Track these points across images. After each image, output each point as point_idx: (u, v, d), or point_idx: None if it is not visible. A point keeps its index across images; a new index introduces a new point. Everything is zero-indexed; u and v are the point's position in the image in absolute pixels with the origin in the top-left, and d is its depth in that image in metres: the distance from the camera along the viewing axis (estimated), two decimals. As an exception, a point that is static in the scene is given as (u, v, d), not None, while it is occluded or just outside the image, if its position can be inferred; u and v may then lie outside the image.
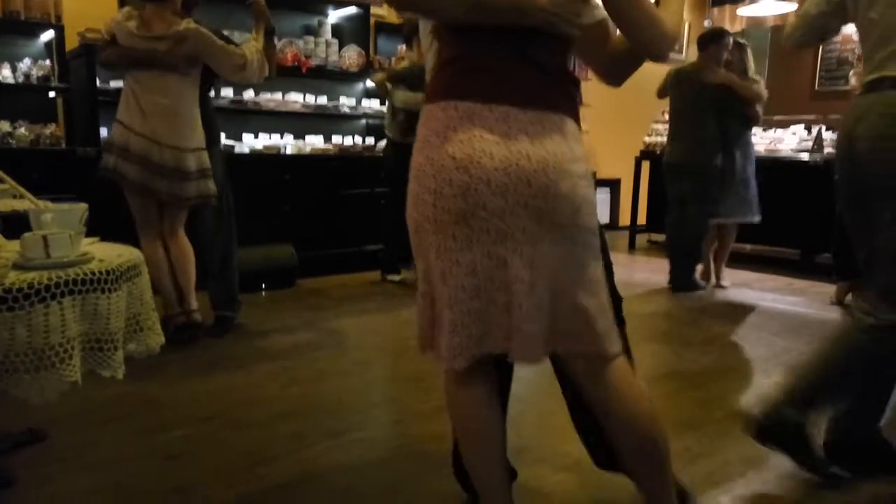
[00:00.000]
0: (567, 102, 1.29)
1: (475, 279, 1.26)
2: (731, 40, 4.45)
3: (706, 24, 7.99)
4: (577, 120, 1.30)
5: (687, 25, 8.52)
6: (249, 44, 3.15)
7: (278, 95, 5.03)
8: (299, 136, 5.21)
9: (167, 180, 2.99)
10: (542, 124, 1.22)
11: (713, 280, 4.81)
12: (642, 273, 5.44)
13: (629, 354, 1.46)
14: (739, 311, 4.10)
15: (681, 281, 4.64)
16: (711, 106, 4.38)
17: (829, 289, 4.42)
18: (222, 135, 4.70)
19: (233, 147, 4.67)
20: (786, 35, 2.21)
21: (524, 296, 1.24)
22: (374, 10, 5.55)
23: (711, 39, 4.43)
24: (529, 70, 1.25)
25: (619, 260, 6.03)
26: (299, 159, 4.88)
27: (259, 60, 3.10)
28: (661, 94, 4.75)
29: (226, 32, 3.51)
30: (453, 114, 1.24)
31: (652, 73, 5.62)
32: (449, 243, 1.26)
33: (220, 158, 3.37)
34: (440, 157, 1.23)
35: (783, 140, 5.70)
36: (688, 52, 8.46)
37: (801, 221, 5.21)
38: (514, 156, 1.20)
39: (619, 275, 1.72)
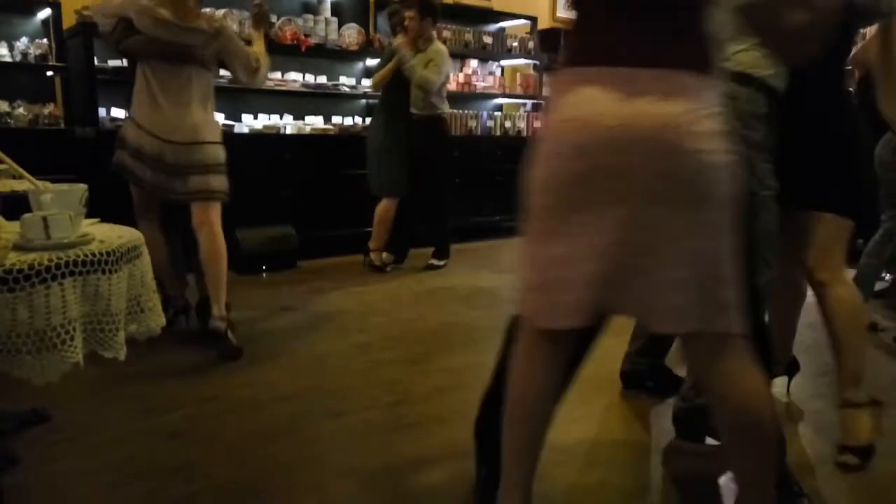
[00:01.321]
0: (701, 60, 1.21)
1: (591, 242, 1.21)
2: None
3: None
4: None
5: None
6: (256, 50, 3.09)
7: (277, 75, 5.00)
8: (299, 115, 5.18)
9: (182, 179, 2.85)
10: (668, 82, 1.16)
11: None
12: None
13: None
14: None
15: None
16: None
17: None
18: (221, 115, 4.70)
19: (232, 127, 4.65)
20: None
21: (649, 263, 1.20)
22: (374, -13, 5.51)
23: None
24: (655, 27, 1.20)
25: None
26: (299, 139, 4.85)
27: (266, 65, 3.11)
28: None
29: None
30: (572, 79, 1.23)
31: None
32: (565, 204, 1.23)
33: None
34: (555, 121, 1.24)
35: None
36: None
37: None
38: (634, 114, 1.16)
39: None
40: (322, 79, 5.25)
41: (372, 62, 5.48)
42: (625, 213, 1.18)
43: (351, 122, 5.39)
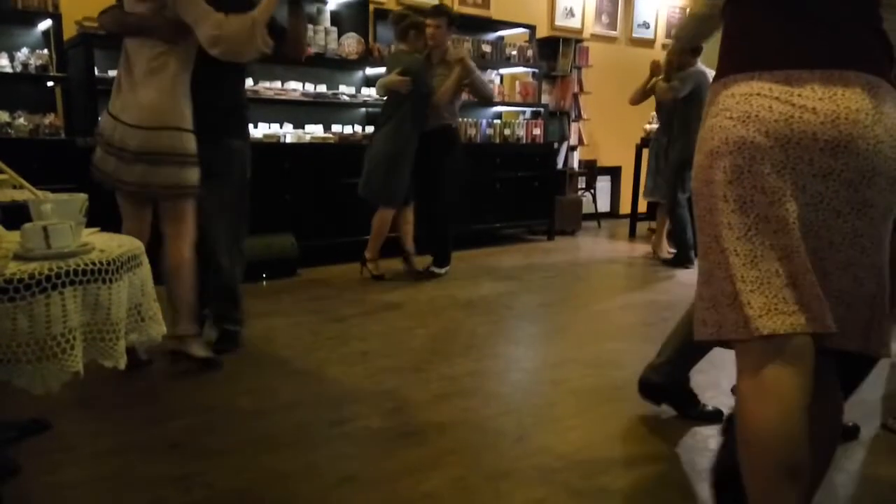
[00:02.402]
0: (870, 57, 1.19)
1: (750, 244, 1.18)
2: None
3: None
4: (884, 75, 1.20)
5: (688, 13, 8.47)
6: (236, 16, 2.51)
7: (277, 84, 5.02)
8: (299, 124, 5.20)
9: (135, 166, 2.49)
10: (832, 82, 1.16)
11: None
12: (644, 261, 5.44)
13: None
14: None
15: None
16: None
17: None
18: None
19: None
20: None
21: (801, 266, 1.16)
22: (373, -3, 5.54)
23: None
24: (816, 25, 1.19)
25: (620, 248, 6.04)
26: (299, 148, 4.87)
27: (244, 33, 2.50)
28: None
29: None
30: (730, 84, 1.24)
31: (650, 62, 5.61)
32: (723, 205, 1.21)
33: (239, 157, 2.88)
34: (717, 121, 1.23)
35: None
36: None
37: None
38: (797, 109, 1.15)
39: (621, 264, 1.71)
40: (322, 88, 5.27)
41: (372, 71, 5.50)
42: (781, 212, 1.18)
43: (351, 131, 5.41)
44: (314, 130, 5.20)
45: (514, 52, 6.38)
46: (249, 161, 2.93)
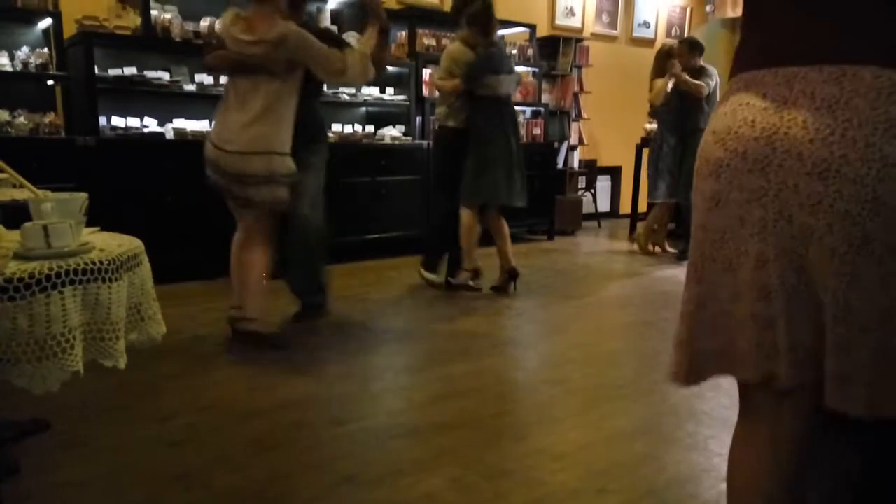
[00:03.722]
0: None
1: (731, 277, 1.02)
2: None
3: (708, 9, 7.94)
4: None
5: (688, 11, 8.48)
6: (354, 48, 3.04)
7: (278, 83, 5.01)
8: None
9: (236, 185, 2.91)
10: (840, 84, 0.92)
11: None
12: (643, 261, 5.44)
13: None
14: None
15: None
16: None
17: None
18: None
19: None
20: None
21: (781, 313, 0.98)
22: (373, -4, 5.53)
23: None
24: (834, 7, 0.96)
25: (620, 248, 6.04)
26: (299, 147, 4.85)
27: (361, 64, 2.97)
28: None
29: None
30: (732, 88, 1.05)
31: (651, 61, 5.61)
32: (702, 235, 1.06)
33: (324, 156, 3.26)
34: (705, 136, 1.07)
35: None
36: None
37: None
38: (785, 123, 0.95)
39: (621, 263, 1.71)
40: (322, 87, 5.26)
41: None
42: (761, 246, 1.01)
43: (351, 130, 5.41)
44: (314, 130, 5.18)
45: (515, 52, 6.38)
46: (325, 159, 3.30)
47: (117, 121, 4.35)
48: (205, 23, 4.58)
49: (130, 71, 4.35)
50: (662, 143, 5.40)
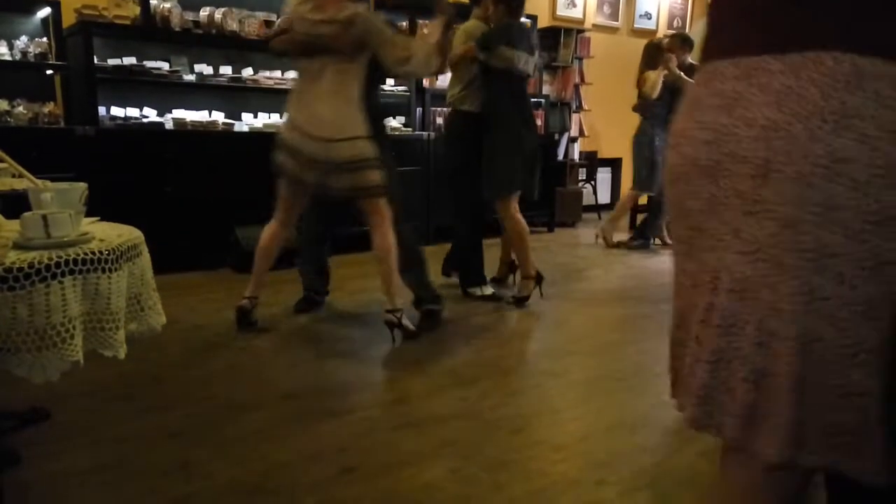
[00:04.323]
0: (866, 30, 0.80)
1: (699, 295, 0.91)
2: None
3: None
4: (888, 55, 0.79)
5: (690, 2, 8.44)
6: (418, 39, 3.03)
7: (277, 73, 5.00)
8: (299, 114, 5.18)
9: (316, 172, 2.86)
10: (797, 74, 0.81)
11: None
12: (643, 254, 5.44)
13: None
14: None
15: None
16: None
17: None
18: (221, 114, 4.70)
19: (232, 126, 4.65)
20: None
21: (725, 343, 0.86)
22: (374, -14, 5.50)
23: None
24: None
25: (620, 240, 6.03)
26: (299, 138, 4.85)
27: (426, 55, 2.88)
28: None
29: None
30: (695, 82, 0.96)
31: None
32: (674, 247, 0.99)
33: (388, 150, 3.20)
34: (668, 139, 0.99)
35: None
36: (691, 31, 8.38)
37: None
38: (733, 122, 0.85)
39: (621, 255, 1.71)
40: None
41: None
42: (712, 260, 0.92)
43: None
44: (314, 120, 5.17)
45: (516, 43, 6.35)
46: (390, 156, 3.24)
47: (117, 111, 4.34)
48: (204, 12, 4.56)
49: (130, 60, 4.33)
50: (654, 137, 5.36)
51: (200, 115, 4.56)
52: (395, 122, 5.46)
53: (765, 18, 0.87)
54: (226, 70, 4.74)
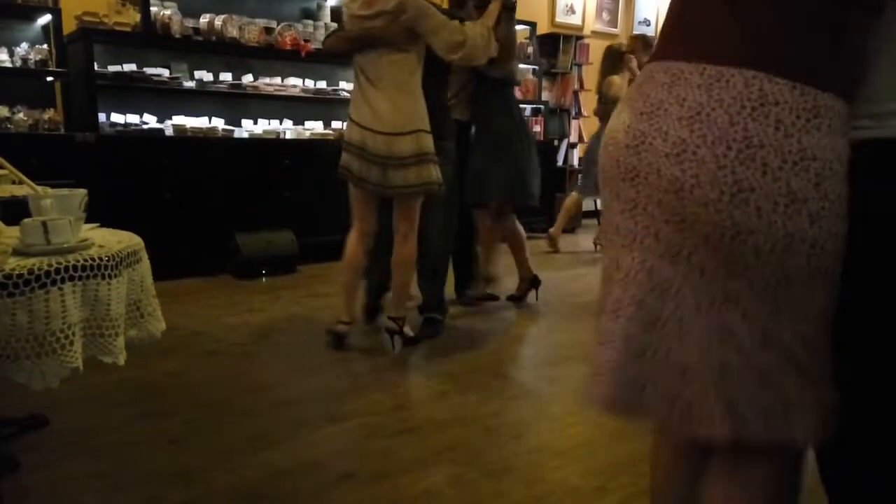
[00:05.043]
0: (795, 51, 0.84)
1: (607, 287, 1.00)
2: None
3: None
4: (815, 83, 0.83)
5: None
6: (476, 22, 2.89)
7: (277, 80, 5.01)
8: (299, 121, 5.19)
9: (378, 168, 2.77)
10: (709, 91, 0.85)
11: None
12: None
13: None
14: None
15: None
16: None
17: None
18: (221, 120, 4.71)
19: (232, 132, 4.66)
20: None
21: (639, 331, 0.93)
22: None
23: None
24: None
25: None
26: (299, 144, 4.86)
27: (484, 40, 2.79)
28: None
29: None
30: (636, 80, 1.00)
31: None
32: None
33: (451, 157, 3.14)
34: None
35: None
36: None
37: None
38: (652, 132, 0.88)
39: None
40: (322, 84, 5.26)
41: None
42: (628, 258, 0.98)
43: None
44: (314, 126, 5.18)
45: (515, 49, 6.37)
46: (454, 158, 3.19)
47: (117, 117, 4.34)
48: (204, 19, 4.57)
49: (130, 67, 4.34)
50: None
51: (200, 122, 4.57)
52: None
53: (698, 26, 0.90)
54: (226, 77, 4.75)
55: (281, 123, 5.08)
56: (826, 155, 0.83)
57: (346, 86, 5.39)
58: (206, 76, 4.65)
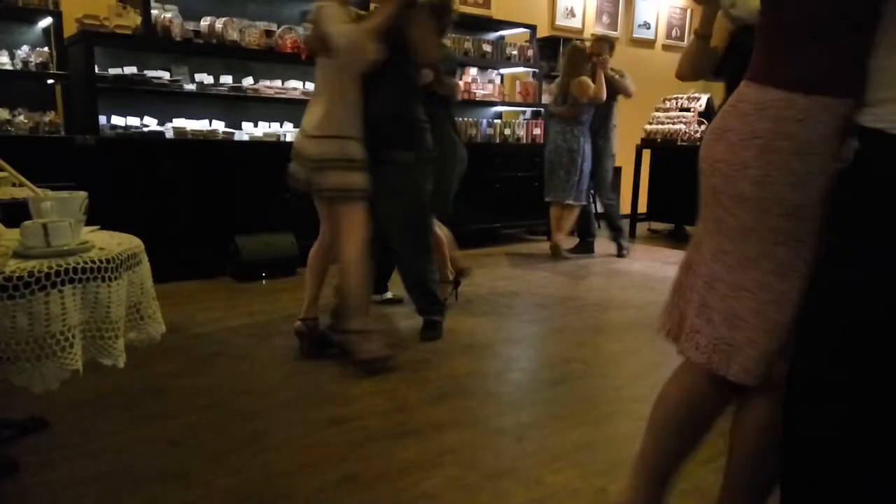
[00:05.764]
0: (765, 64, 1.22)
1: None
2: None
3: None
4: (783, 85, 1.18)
5: (689, 12, 8.48)
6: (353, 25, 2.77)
7: (277, 82, 5.01)
8: (299, 123, 5.15)
9: (307, 170, 2.80)
10: (735, 96, 1.26)
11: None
12: (643, 262, 5.44)
13: None
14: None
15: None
16: None
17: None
18: (221, 123, 4.71)
19: (232, 135, 4.66)
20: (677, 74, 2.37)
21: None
22: (373, -4, 5.53)
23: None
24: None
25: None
26: (299, 147, 4.85)
27: (347, 42, 2.67)
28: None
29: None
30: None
31: (651, 62, 5.59)
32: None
33: (406, 166, 3.01)
34: None
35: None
36: (689, 41, 8.42)
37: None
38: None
39: (621, 264, 1.71)
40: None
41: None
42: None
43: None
44: (314, 129, 5.18)
45: (515, 52, 6.38)
46: (424, 173, 3.06)
47: (117, 120, 4.35)
48: (205, 22, 4.58)
49: (130, 70, 4.35)
50: (584, 144, 5.30)
51: (201, 125, 4.57)
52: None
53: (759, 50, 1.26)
54: (226, 79, 4.75)
55: (281, 126, 5.08)
56: (769, 135, 1.17)
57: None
58: (207, 79, 4.66)
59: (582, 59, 5.22)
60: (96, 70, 4.17)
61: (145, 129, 4.40)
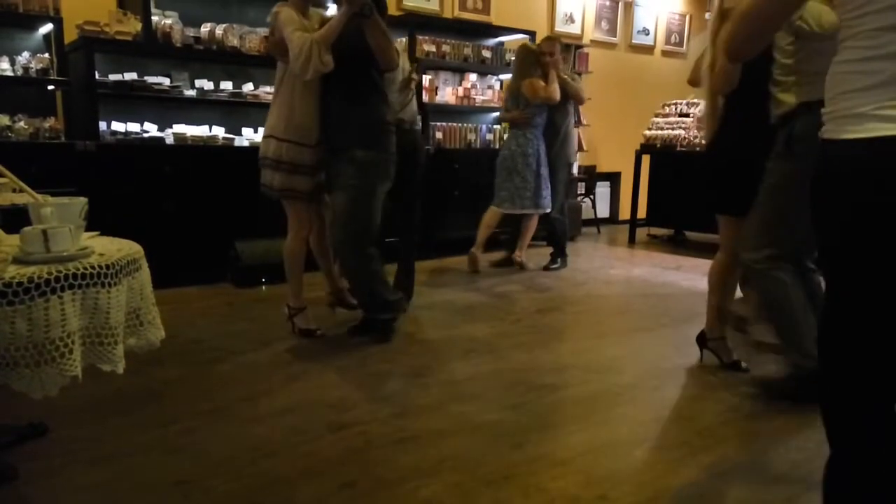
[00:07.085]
0: None
1: None
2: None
3: (707, 17, 7.95)
4: None
5: (688, 18, 8.50)
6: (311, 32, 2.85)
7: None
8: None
9: (262, 167, 3.09)
10: None
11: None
12: (643, 267, 5.44)
13: None
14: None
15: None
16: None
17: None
18: (221, 129, 4.71)
19: (232, 140, 4.66)
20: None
21: None
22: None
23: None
24: None
25: (619, 254, 6.04)
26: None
27: (305, 53, 2.72)
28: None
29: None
30: None
31: (650, 68, 5.60)
32: None
33: (381, 164, 3.05)
34: None
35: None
36: (688, 47, 8.44)
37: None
38: None
39: (620, 269, 1.71)
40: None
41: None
42: None
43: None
44: (314, 135, 5.19)
45: (514, 58, 6.39)
46: (381, 174, 3.08)
47: (117, 125, 4.35)
48: (205, 28, 4.59)
49: (131, 76, 4.36)
50: (540, 149, 5.03)
51: (201, 130, 4.58)
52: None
53: None
54: (226, 85, 4.76)
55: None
56: None
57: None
58: (207, 85, 4.67)
59: (532, 60, 4.98)
60: (97, 76, 4.18)
61: (145, 135, 4.40)
